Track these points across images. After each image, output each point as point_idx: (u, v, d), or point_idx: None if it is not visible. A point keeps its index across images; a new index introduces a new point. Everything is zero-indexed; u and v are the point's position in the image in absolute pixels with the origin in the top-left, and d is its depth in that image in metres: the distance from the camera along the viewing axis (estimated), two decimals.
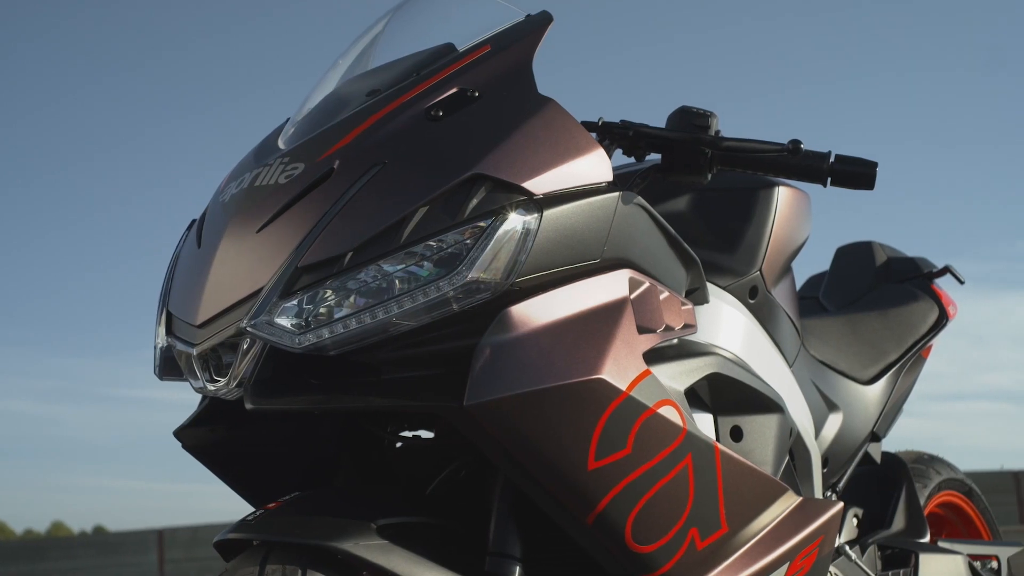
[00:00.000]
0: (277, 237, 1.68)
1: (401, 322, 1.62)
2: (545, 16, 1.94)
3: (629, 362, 1.71)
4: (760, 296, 2.24)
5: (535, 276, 1.66)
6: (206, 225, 1.84)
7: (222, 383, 1.70)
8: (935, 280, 3.09)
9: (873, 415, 2.75)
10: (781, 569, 1.95)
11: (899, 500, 2.82)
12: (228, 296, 1.69)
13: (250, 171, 1.83)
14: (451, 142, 1.72)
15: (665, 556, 1.77)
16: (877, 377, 2.79)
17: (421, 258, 1.63)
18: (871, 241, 3.19)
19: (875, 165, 1.94)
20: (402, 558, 1.63)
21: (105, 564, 18.20)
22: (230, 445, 1.92)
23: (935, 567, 2.70)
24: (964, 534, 3.18)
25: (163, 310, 1.83)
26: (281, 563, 1.61)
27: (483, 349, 1.62)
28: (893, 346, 2.87)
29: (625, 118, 2.00)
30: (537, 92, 1.80)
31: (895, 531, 2.77)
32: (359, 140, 1.75)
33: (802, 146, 1.92)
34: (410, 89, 1.82)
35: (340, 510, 1.69)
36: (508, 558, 1.75)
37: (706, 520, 1.82)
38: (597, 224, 1.73)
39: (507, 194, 1.66)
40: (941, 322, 2.98)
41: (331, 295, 1.63)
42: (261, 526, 1.68)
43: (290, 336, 1.62)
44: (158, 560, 18.10)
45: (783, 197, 2.34)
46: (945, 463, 3.15)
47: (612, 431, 1.68)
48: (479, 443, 1.66)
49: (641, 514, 1.72)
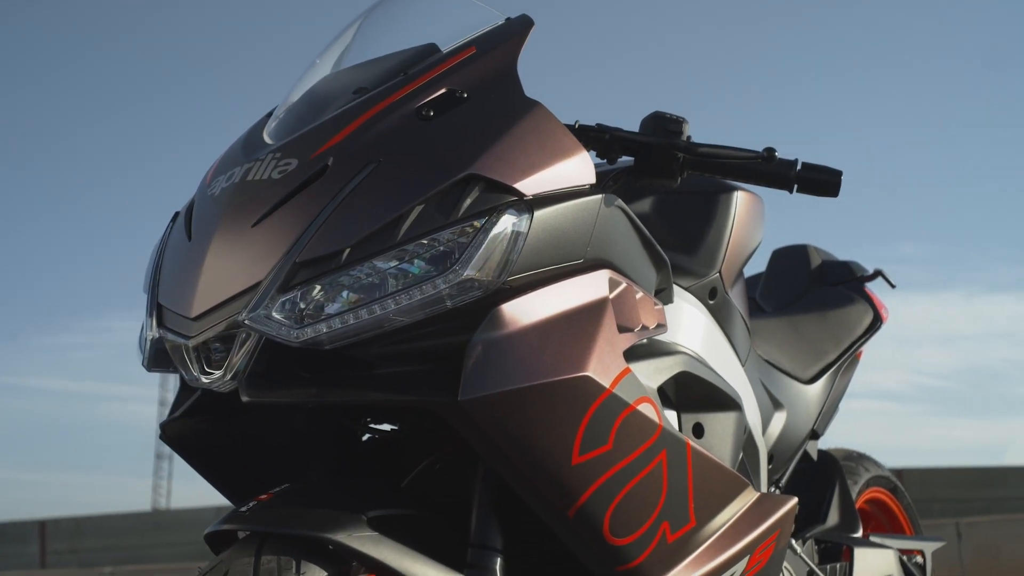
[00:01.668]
0: (273, 232, 1.70)
1: (396, 318, 1.65)
2: (526, 20, 1.98)
3: (611, 360, 1.76)
4: (719, 297, 2.31)
5: (525, 275, 1.70)
6: (195, 218, 1.84)
7: (216, 375, 1.71)
8: (867, 284, 3.21)
9: (814, 413, 2.85)
10: (742, 562, 2.02)
11: (833, 496, 2.93)
12: (224, 290, 1.70)
13: (240, 165, 1.84)
14: (444, 142, 1.76)
15: (639, 549, 1.82)
16: (817, 377, 2.89)
17: (417, 256, 1.66)
18: (806, 244, 3.29)
19: (840, 174, 2.01)
20: (392, 549, 1.66)
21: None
22: (208, 439, 1.93)
23: (869, 561, 2.80)
24: (889, 529, 3.30)
25: (153, 302, 1.83)
26: (275, 554, 1.63)
27: (475, 346, 1.66)
28: (832, 347, 2.97)
29: (600, 121, 2.05)
30: (524, 95, 1.84)
31: (830, 526, 2.88)
32: (352, 138, 1.78)
33: (776, 154, 1.99)
34: (399, 88, 1.85)
35: (331, 502, 1.72)
36: (489, 550, 1.79)
37: (677, 514, 1.88)
38: (582, 225, 1.78)
39: (499, 194, 1.70)
40: (876, 325, 3.10)
41: (329, 291, 1.66)
42: (255, 518, 1.69)
43: (288, 330, 1.64)
44: (40, 551, 17.73)
45: (741, 201, 2.41)
46: (872, 461, 3.27)
47: (595, 427, 1.73)
48: (469, 437, 1.69)
49: (619, 508, 1.77)
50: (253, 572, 1.60)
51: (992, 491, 15.38)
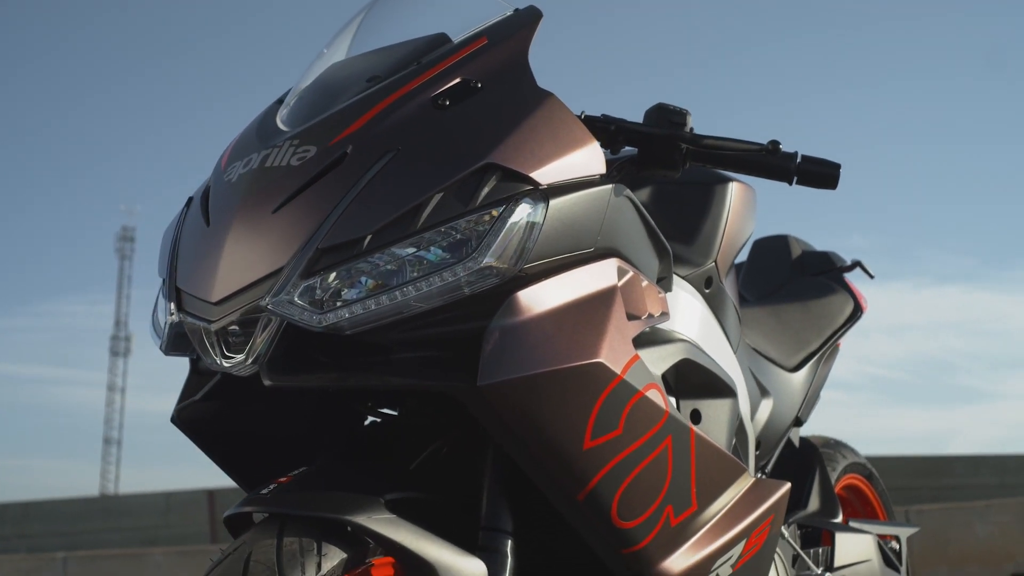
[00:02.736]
0: (294, 218, 1.72)
1: (416, 304, 1.68)
2: (535, 11, 2.01)
3: (622, 347, 1.80)
4: (714, 286, 2.35)
5: (539, 263, 1.74)
6: (213, 204, 1.85)
7: (238, 359, 1.73)
8: (846, 274, 3.27)
9: (798, 401, 2.90)
10: (739, 545, 2.06)
11: (814, 482, 2.99)
12: (245, 275, 1.72)
13: (257, 152, 1.85)
14: (460, 132, 1.79)
15: (644, 532, 1.86)
16: (801, 365, 2.95)
17: (436, 243, 1.69)
18: (787, 235, 3.34)
19: (839, 166, 2.06)
20: (409, 532, 1.69)
21: None
22: (221, 424, 1.95)
23: (849, 546, 2.86)
24: (864, 514, 3.37)
25: (172, 286, 1.84)
26: (297, 536, 1.65)
27: (493, 332, 1.69)
28: (814, 336, 3.03)
29: (605, 112, 2.09)
30: (537, 85, 1.88)
31: (811, 511, 2.94)
32: (370, 126, 1.80)
33: (780, 147, 2.04)
34: (414, 78, 1.87)
35: (349, 484, 1.74)
36: (500, 532, 1.82)
37: (680, 498, 1.92)
38: (593, 214, 1.81)
39: (516, 184, 1.73)
40: (856, 314, 3.16)
41: (350, 277, 1.68)
42: (276, 500, 1.72)
43: (310, 315, 1.67)
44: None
45: (736, 192, 2.46)
46: (849, 448, 3.33)
47: (607, 412, 1.76)
48: (485, 422, 1.72)
49: (626, 492, 1.81)
50: (276, 553, 1.62)
51: (938, 480, 15.59)
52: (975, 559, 10.25)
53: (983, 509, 10.90)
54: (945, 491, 14.96)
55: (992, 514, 10.73)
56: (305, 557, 1.63)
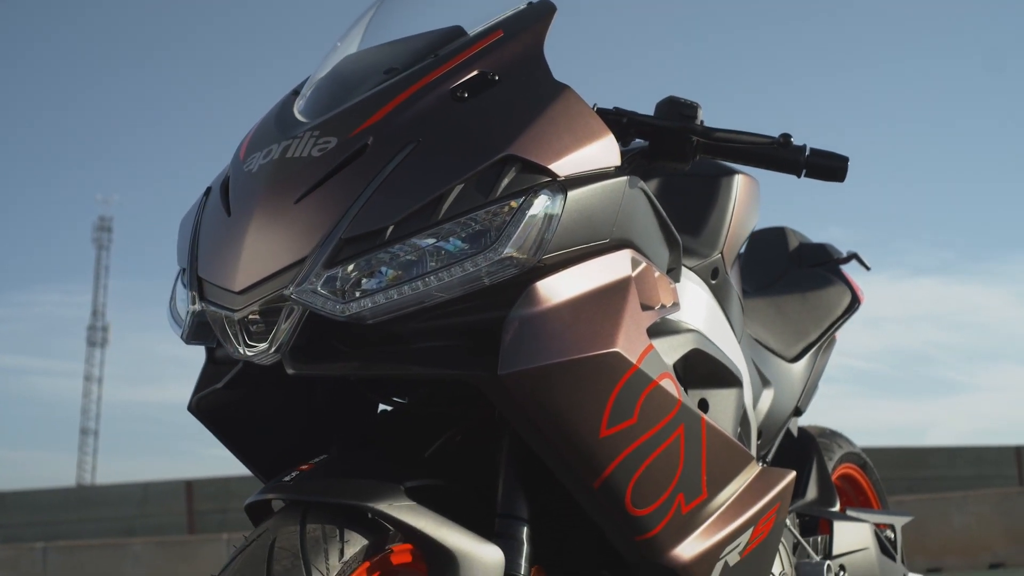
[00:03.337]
0: (316, 209, 1.74)
1: (437, 294, 1.70)
2: (549, 4, 2.02)
3: (637, 337, 1.82)
4: (720, 277, 2.38)
5: (557, 254, 1.76)
6: (234, 194, 1.86)
7: (261, 348, 1.74)
8: (842, 266, 3.30)
9: (797, 391, 2.93)
10: (747, 533, 2.09)
11: (812, 471, 3.02)
12: (268, 264, 1.73)
13: (277, 143, 1.87)
14: (479, 124, 1.81)
15: (656, 519, 1.89)
16: (800, 355, 2.98)
17: (457, 234, 1.71)
18: (783, 227, 3.37)
19: (847, 160, 2.09)
20: (429, 519, 1.71)
21: None
22: (239, 413, 1.96)
23: (847, 534, 2.90)
24: (859, 503, 3.41)
25: (194, 276, 1.86)
26: (319, 522, 1.67)
27: (512, 322, 1.71)
28: (813, 327, 3.06)
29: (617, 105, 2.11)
30: (553, 78, 1.90)
31: (809, 500, 2.97)
32: (390, 118, 1.82)
33: (792, 140, 2.06)
34: (432, 70, 1.89)
35: (369, 472, 1.76)
36: (516, 519, 1.85)
37: (691, 486, 1.94)
38: (609, 206, 1.84)
39: (535, 175, 1.75)
40: (853, 306, 3.19)
41: (373, 267, 1.70)
42: (299, 487, 1.73)
43: (333, 304, 1.69)
44: None
45: (742, 184, 2.49)
46: (844, 438, 3.37)
47: (622, 401, 1.79)
48: (504, 410, 1.74)
49: (640, 480, 1.84)
50: (300, 539, 1.64)
51: (915, 471, 15.71)
52: (953, 550, 10.35)
53: (960, 500, 11.01)
54: (922, 482, 15.08)
55: (969, 505, 10.84)
56: (328, 543, 1.65)
